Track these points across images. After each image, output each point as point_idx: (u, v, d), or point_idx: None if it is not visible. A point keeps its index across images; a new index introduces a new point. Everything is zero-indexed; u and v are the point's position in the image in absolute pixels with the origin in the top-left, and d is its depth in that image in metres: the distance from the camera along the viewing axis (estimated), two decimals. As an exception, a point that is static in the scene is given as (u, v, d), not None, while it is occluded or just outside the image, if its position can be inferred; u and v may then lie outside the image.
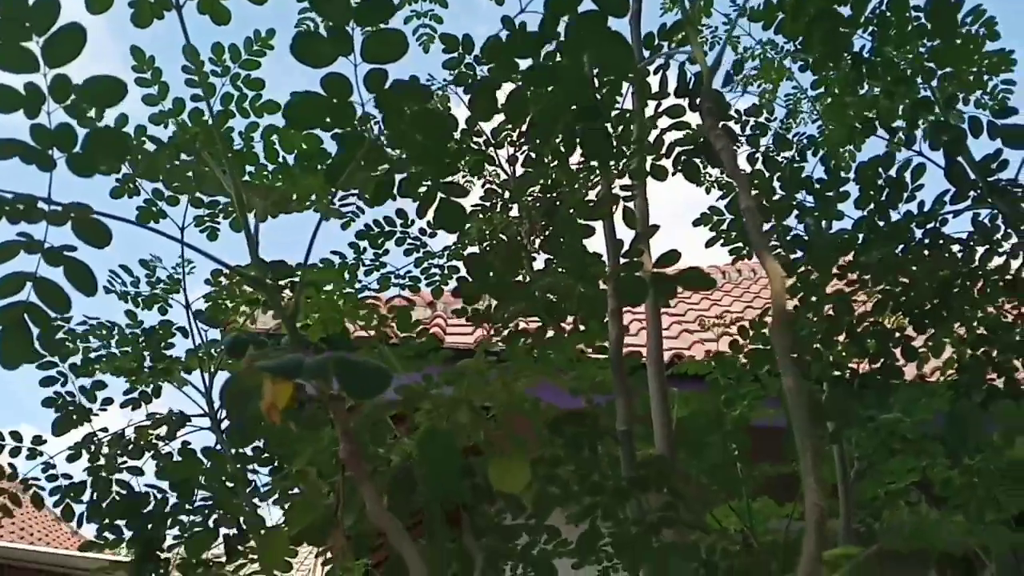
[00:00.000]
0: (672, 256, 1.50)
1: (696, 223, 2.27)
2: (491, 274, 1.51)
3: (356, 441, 1.25)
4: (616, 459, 1.53)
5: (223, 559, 2.21)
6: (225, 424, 2.09)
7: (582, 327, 1.71)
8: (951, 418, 2.08)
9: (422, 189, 1.51)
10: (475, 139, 2.80)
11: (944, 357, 2.19)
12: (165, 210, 2.30)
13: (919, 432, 2.66)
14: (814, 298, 1.97)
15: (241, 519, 2.02)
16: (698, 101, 1.50)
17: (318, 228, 1.52)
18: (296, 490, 1.55)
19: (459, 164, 2.70)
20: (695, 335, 5.28)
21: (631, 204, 1.97)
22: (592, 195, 1.84)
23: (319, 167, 1.88)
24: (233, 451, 1.82)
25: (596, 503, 1.49)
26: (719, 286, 6.83)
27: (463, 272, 2.70)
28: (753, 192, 1.95)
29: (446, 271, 2.91)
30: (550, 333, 1.72)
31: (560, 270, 1.65)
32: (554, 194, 2.02)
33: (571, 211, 1.63)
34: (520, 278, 1.61)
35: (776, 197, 1.94)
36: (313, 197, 1.78)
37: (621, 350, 1.77)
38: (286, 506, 1.46)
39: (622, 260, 1.59)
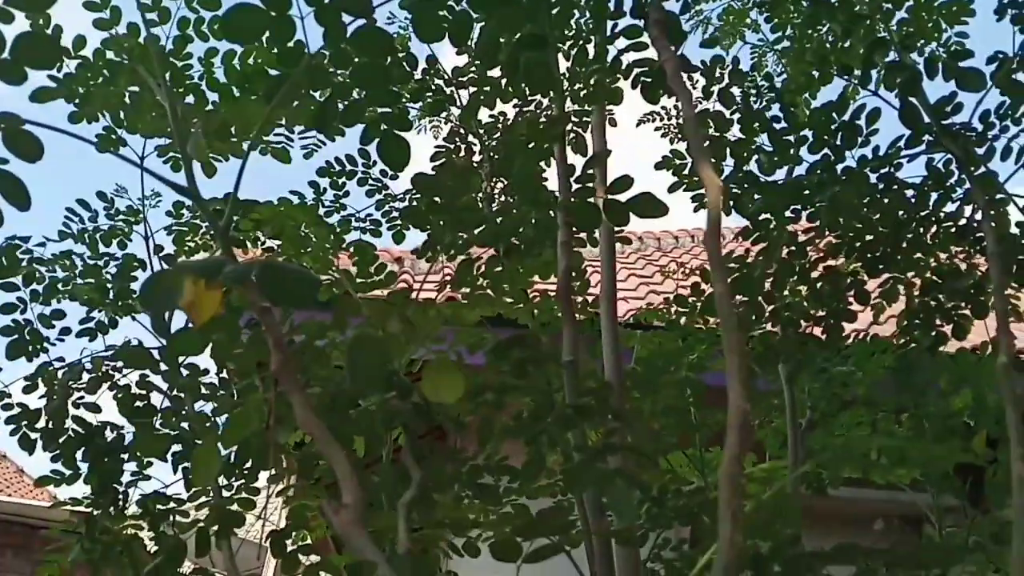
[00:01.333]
0: (625, 182, 1.48)
1: (658, 166, 2.26)
2: (441, 196, 1.48)
3: (288, 352, 1.23)
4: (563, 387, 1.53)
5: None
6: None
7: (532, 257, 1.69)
8: (900, 364, 2.11)
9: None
10: (436, 79, 2.77)
11: (899, 309, 2.22)
12: (125, 138, 2.25)
13: (871, 387, 2.71)
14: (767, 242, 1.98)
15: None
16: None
17: (246, 160, 1.47)
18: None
19: (417, 100, 2.66)
20: (661, 295, 5.31)
21: (587, 134, 1.95)
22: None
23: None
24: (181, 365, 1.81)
25: (541, 430, 1.49)
26: (688, 249, 6.86)
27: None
28: (711, 130, 1.94)
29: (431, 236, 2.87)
30: (501, 265, 1.71)
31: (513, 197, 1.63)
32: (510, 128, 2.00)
33: (522, 134, 1.61)
34: (473, 202, 1.59)
35: (732, 140, 1.93)
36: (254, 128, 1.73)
37: (569, 281, 1.77)
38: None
39: (575, 185, 1.58)
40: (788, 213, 1.93)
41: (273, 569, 7.88)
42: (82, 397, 2.12)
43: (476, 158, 2.70)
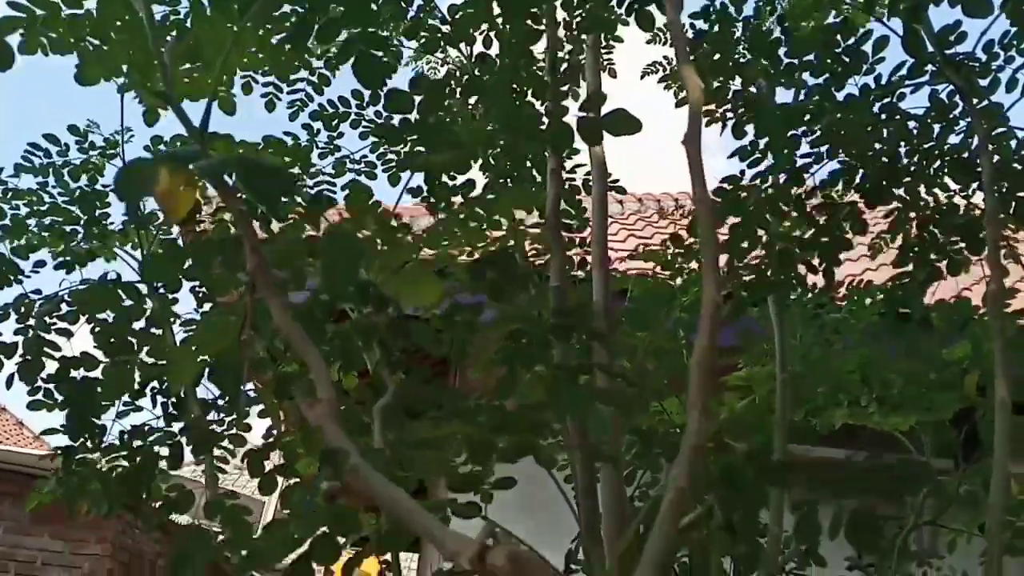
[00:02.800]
0: (598, 98, 1.44)
1: (662, 80, 2.23)
2: (414, 111, 1.45)
3: (264, 255, 1.21)
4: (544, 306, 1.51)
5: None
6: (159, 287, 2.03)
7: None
8: (891, 303, 2.08)
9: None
10: (431, 18, 2.71)
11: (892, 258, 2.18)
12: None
13: (863, 332, 2.69)
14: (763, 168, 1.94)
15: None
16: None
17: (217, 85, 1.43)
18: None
19: (412, 39, 2.61)
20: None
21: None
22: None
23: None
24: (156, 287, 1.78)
25: (517, 349, 1.47)
26: (686, 212, 6.79)
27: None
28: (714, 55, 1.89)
29: (403, 156, 2.83)
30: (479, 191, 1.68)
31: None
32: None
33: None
34: (448, 121, 1.55)
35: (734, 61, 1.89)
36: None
37: (558, 208, 1.74)
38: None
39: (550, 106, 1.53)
40: (788, 138, 1.89)
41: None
42: (55, 323, 2.09)
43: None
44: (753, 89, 1.91)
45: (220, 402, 2.06)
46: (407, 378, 1.40)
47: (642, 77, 3.97)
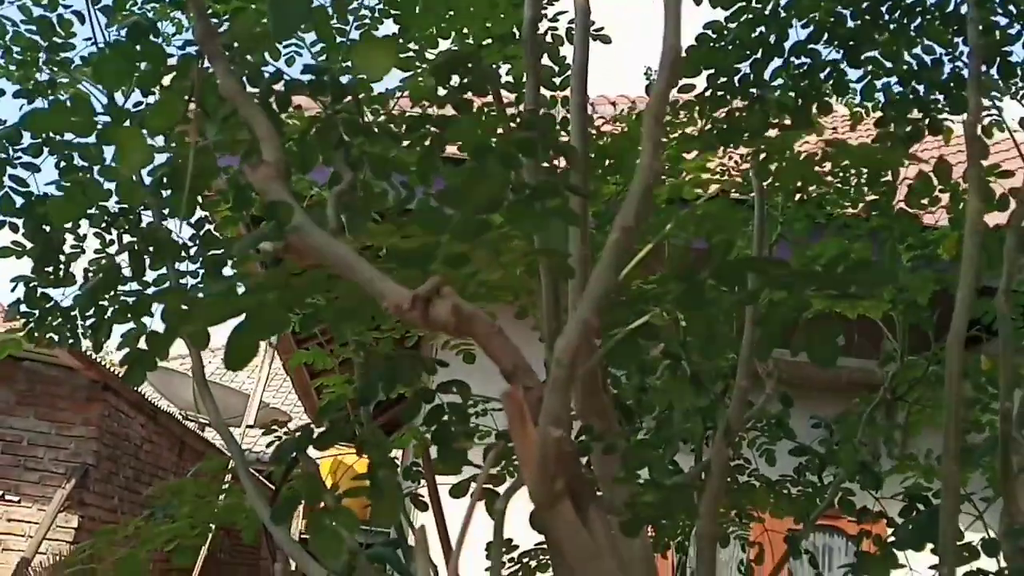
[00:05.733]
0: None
1: None
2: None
3: (210, 21, 1.16)
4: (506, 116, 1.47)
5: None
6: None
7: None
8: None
9: None
10: None
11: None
12: None
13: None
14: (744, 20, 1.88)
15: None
16: None
17: None
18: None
19: None
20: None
21: None
22: None
23: None
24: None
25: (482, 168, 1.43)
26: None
27: (394, 18, 2.54)
28: None
29: (377, 15, 2.74)
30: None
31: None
32: None
33: None
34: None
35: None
36: None
37: (535, 31, 1.69)
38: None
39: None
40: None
41: (254, 415, 8.21)
42: (19, 157, 2.03)
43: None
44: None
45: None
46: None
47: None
